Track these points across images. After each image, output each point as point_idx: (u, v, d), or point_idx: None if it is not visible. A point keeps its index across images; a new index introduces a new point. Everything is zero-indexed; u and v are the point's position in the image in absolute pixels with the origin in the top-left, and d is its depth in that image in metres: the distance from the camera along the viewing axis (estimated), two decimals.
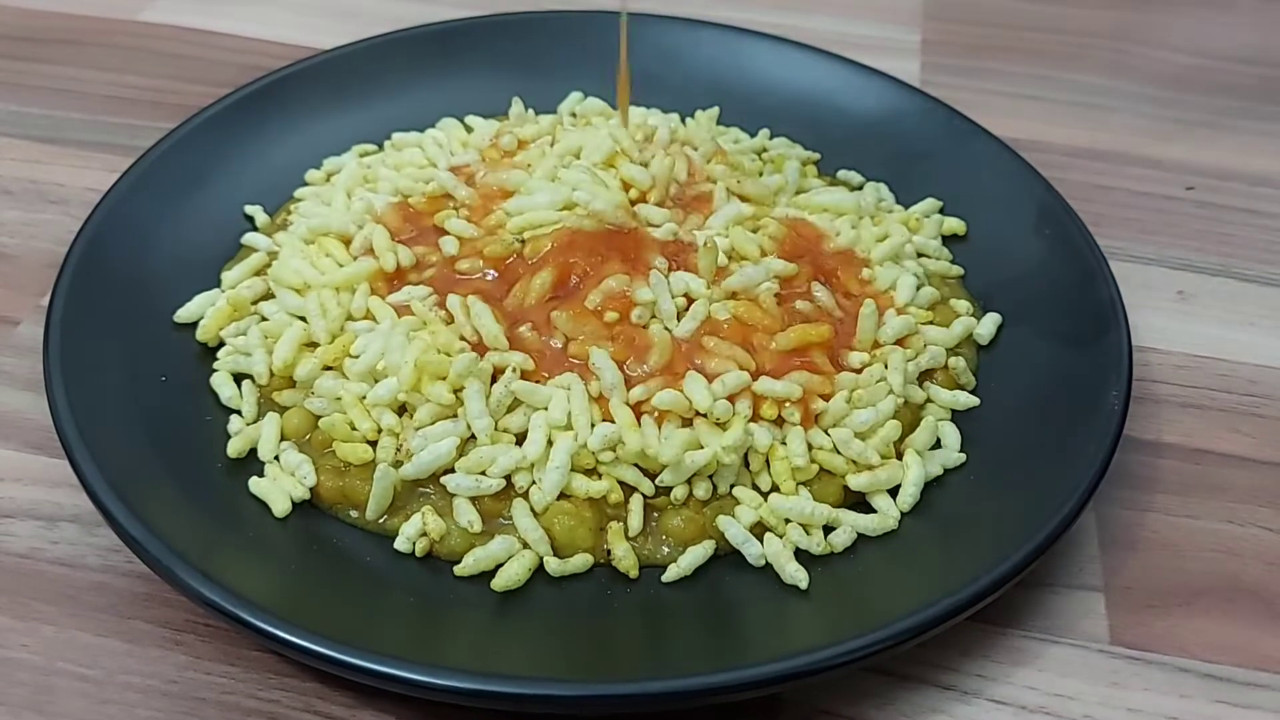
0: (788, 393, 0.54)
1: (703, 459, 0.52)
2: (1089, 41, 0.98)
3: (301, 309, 0.59)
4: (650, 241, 0.60)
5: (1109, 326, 0.59)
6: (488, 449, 0.52)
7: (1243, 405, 0.64)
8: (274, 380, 0.57)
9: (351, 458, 0.53)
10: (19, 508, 0.55)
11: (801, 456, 0.53)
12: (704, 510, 0.53)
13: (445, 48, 0.79)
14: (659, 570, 0.52)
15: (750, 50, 0.80)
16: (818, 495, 0.54)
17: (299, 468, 0.54)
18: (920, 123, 0.75)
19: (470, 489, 0.52)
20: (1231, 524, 0.58)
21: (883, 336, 0.59)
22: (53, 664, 0.49)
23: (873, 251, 0.65)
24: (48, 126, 0.79)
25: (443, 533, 0.51)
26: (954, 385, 0.60)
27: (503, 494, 0.52)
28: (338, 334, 0.58)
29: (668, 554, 0.52)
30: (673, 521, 0.52)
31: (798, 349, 0.56)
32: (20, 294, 0.66)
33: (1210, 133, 0.87)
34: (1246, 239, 0.77)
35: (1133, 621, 0.53)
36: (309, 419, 0.56)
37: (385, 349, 0.55)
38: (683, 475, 0.52)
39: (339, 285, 0.60)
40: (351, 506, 0.53)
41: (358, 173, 0.69)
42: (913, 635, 0.46)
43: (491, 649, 0.48)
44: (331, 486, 0.53)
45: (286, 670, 0.49)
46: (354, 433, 0.54)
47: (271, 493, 0.53)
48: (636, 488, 0.53)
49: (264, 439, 0.55)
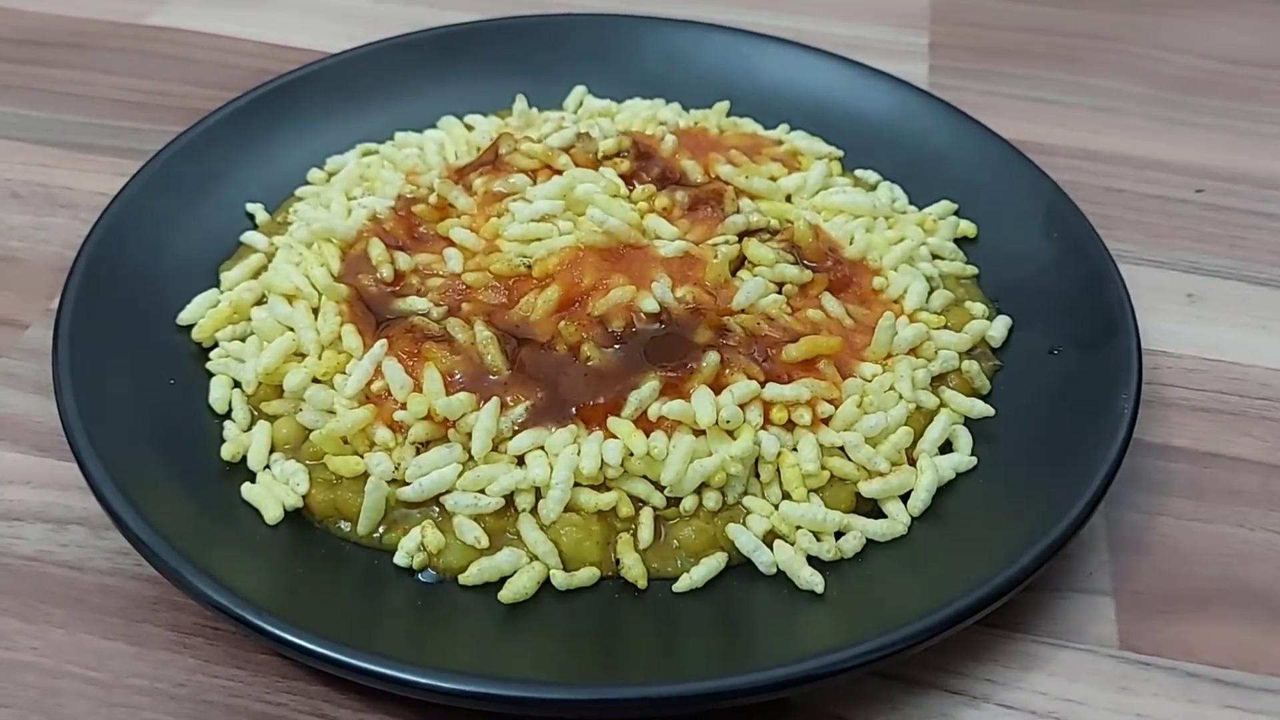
0: (796, 395, 0.54)
1: (711, 466, 0.52)
2: (1097, 44, 0.98)
3: (290, 319, 0.58)
4: (656, 260, 0.59)
5: (1119, 329, 0.59)
6: (486, 469, 0.52)
7: (1254, 409, 0.64)
8: (261, 389, 0.57)
9: (344, 470, 0.53)
10: (28, 510, 0.55)
11: (813, 462, 0.53)
12: (714, 520, 0.53)
13: (452, 51, 0.79)
14: (668, 581, 0.51)
15: (759, 53, 0.80)
16: (830, 502, 0.53)
17: (292, 475, 0.53)
18: (929, 125, 0.75)
19: (469, 507, 0.51)
20: (1242, 528, 0.58)
21: (895, 346, 0.59)
22: (61, 667, 0.49)
23: (886, 256, 0.64)
24: (56, 130, 0.80)
25: (441, 547, 0.51)
26: (969, 390, 0.60)
27: (505, 510, 0.52)
28: (331, 344, 0.57)
29: (680, 565, 0.52)
30: (684, 532, 0.52)
31: (807, 360, 0.56)
32: (29, 297, 0.66)
33: (1220, 135, 0.87)
34: (1256, 241, 0.76)
35: (1143, 626, 0.53)
36: (299, 429, 0.55)
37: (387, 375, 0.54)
38: (690, 486, 0.52)
39: (325, 295, 0.59)
40: (343, 519, 0.53)
41: (356, 173, 0.69)
42: (921, 640, 0.46)
43: (498, 654, 0.48)
44: (323, 499, 0.53)
45: (294, 674, 0.49)
46: (345, 445, 0.54)
47: (263, 499, 0.52)
48: (647, 500, 0.53)
49: (253, 448, 0.55)
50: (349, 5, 0.96)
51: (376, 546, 0.52)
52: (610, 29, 0.81)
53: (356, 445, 0.54)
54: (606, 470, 0.52)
